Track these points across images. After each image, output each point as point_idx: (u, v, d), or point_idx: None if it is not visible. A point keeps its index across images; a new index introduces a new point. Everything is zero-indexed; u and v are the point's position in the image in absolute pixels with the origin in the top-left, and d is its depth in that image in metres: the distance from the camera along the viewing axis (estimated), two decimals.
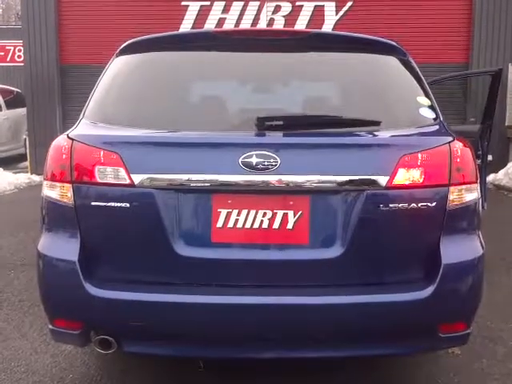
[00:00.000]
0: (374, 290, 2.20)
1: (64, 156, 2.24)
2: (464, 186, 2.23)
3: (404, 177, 2.17)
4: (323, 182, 2.15)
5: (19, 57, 17.42)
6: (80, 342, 2.35)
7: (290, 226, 2.18)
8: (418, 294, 2.18)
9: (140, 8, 10.10)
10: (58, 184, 2.25)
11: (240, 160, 2.12)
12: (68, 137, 2.30)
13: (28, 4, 10.31)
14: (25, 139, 11.38)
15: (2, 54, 19.56)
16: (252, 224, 2.17)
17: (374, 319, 2.19)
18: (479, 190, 2.34)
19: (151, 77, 2.61)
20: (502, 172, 9.26)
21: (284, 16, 10.23)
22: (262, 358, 2.48)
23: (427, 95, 2.52)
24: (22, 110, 12.32)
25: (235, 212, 2.17)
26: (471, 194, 2.26)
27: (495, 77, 5.28)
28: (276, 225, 2.17)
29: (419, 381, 2.81)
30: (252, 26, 10.13)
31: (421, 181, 2.18)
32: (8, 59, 19.51)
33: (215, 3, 10.26)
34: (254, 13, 10.26)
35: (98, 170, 2.18)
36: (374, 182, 2.15)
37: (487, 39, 9.92)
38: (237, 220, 2.17)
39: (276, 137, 2.28)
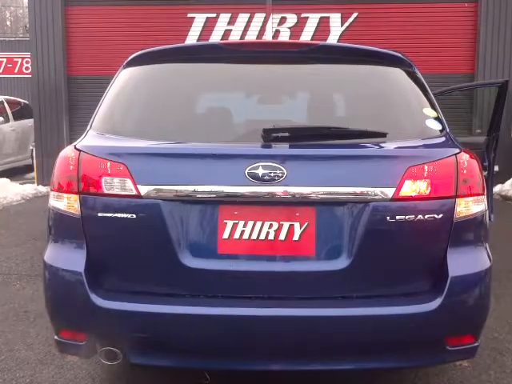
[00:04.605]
0: (380, 303, 2.19)
1: (71, 167, 2.25)
2: (471, 198, 2.22)
3: (410, 188, 2.16)
4: (329, 193, 2.15)
5: (27, 68, 17.61)
6: (85, 353, 2.35)
7: (296, 237, 2.17)
8: (425, 307, 2.17)
9: (146, 20, 10.19)
10: (64, 195, 2.26)
11: (246, 171, 2.12)
12: (75, 148, 2.32)
13: (36, 16, 10.42)
14: (31, 150, 11.44)
15: (10, 65, 19.75)
16: (258, 235, 2.17)
17: (380, 332, 2.17)
18: (486, 202, 2.33)
19: (158, 88, 2.63)
20: (508, 183, 9.23)
21: (290, 28, 10.28)
22: (268, 371, 2.47)
23: (433, 107, 2.52)
24: (29, 121, 12.42)
25: (241, 223, 2.17)
26: (478, 206, 2.25)
27: (501, 88, 5.28)
28: (282, 236, 2.17)
29: None
30: (258, 37, 10.18)
31: (427, 192, 2.18)
32: (16, 71, 19.70)
33: (221, 15, 10.32)
34: (260, 24, 10.32)
35: (104, 181, 2.19)
36: (380, 194, 2.14)
37: (492, 50, 9.93)
38: (243, 231, 2.17)
39: (282, 148, 2.28)
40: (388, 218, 2.15)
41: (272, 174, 2.12)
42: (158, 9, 10.27)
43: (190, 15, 10.35)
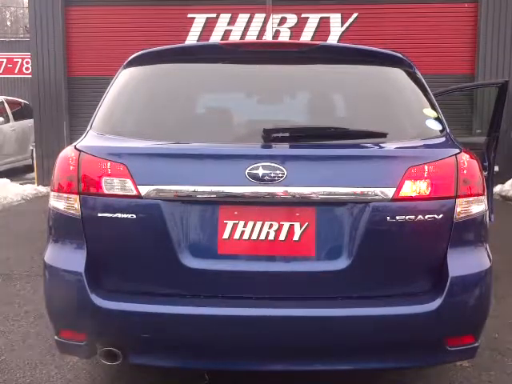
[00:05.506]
0: (380, 303, 2.19)
1: (71, 167, 2.25)
2: (471, 198, 2.22)
3: (410, 189, 2.16)
4: (329, 193, 2.15)
5: (27, 69, 17.60)
6: (85, 353, 2.35)
7: (296, 237, 2.17)
8: (425, 307, 2.17)
9: (147, 21, 10.19)
10: (65, 195, 2.26)
11: (246, 171, 2.12)
12: (75, 148, 2.32)
13: (36, 16, 10.42)
14: (32, 150, 11.44)
15: (10, 66, 19.75)
16: (258, 236, 2.17)
17: (380, 332, 2.17)
18: (486, 202, 2.33)
19: (158, 88, 2.63)
20: (508, 183, 9.23)
21: (290, 28, 10.28)
22: (268, 371, 2.47)
23: (433, 107, 2.52)
24: (29, 121, 12.42)
25: (241, 223, 2.17)
26: (478, 206, 2.25)
27: (501, 88, 5.29)
28: (282, 236, 2.17)
29: None
30: (258, 37, 10.19)
31: (427, 193, 2.18)
32: (16, 71, 19.69)
33: (221, 15, 10.33)
34: (260, 25, 10.32)
35: (105, 182, 2.19)
36: (380, 194, 2.14)
37: (492, 50, 9.93)
38: (243, 232, 2.17)
39: (282, 148, 2.28)
40: (388, 218, 2.15)
41: (272, 175, 2.12)
42: (158, 9, 10.27)
43: (190, 15, 10.35)
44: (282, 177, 2.12)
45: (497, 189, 8.89)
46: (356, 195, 2.15)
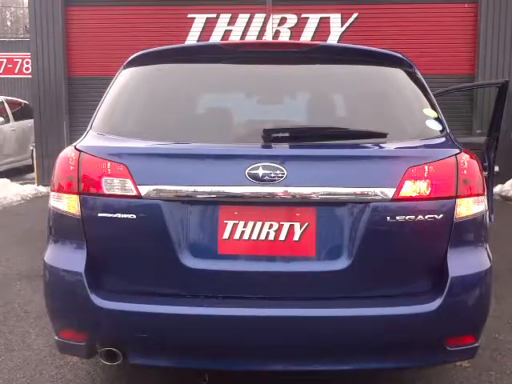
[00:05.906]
0: (380, 303, 2.19)
1: (71, 167, 2.25)
2: (471, 198, 2.22)
3: (410, 189, 2.16)
4: (330, 193, 2.15)
5: (27, 69, 17.60)
6: (85, 353, 2.35)
7: (296, 237, 2.17)
8: (425, 307, 2.17)
9: (147, 21, 10.19)
10: (65, 195, 2.26)
11: (246, 172, 2.12)
12: (75, 148, 2.32)
13: (36, 16, 10.42)
14: (32, 150, 11.45)
15: (10, 66, 19.75)
16: (258, 236, 2.17)
17: (380, 332, 2.17)
18: (486, 202, 2.33)
19: (158, 89, 2.63)
20: (508, 183, 9.23)
21: (290, 28, 10.28)
22: (268, 371, 2.47)
23: (434, 107, 2.52)
24: (29, 122, 12.43)
25: (241, 224, 2.17)
26: (478, 206, 2.25)
27: (502, 89, 5.28)
28: (282, 237, 2.17)
29: None
30: (258, 38, 10.18)
31: (427, 193, 2.18)
32: (16, 71, 19.70)
33: (221, 15, 10.33)
34: (260, 25, 10.32)
35: (105, 182, 2.19)
36: (380, 194, 2.14)
37: (492, 50, 9.93)
38: (243, 232, 2.17)
39: (282, 149, 2.28)
40: (388, 218, 2.15)
41: (272, 175, 2.12)
42: (158, 9, 10.28)
43: (190, 15, 10.35)
44: (282, 177, 2.12)
45: (497, 189, 8.89)
46: (356, 195, 2.15)
